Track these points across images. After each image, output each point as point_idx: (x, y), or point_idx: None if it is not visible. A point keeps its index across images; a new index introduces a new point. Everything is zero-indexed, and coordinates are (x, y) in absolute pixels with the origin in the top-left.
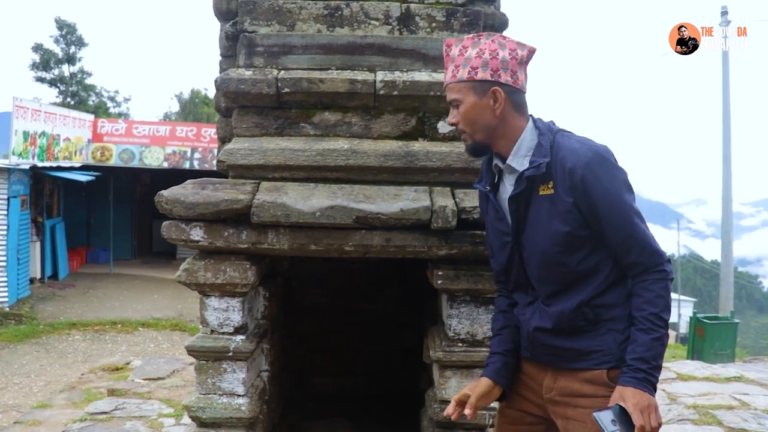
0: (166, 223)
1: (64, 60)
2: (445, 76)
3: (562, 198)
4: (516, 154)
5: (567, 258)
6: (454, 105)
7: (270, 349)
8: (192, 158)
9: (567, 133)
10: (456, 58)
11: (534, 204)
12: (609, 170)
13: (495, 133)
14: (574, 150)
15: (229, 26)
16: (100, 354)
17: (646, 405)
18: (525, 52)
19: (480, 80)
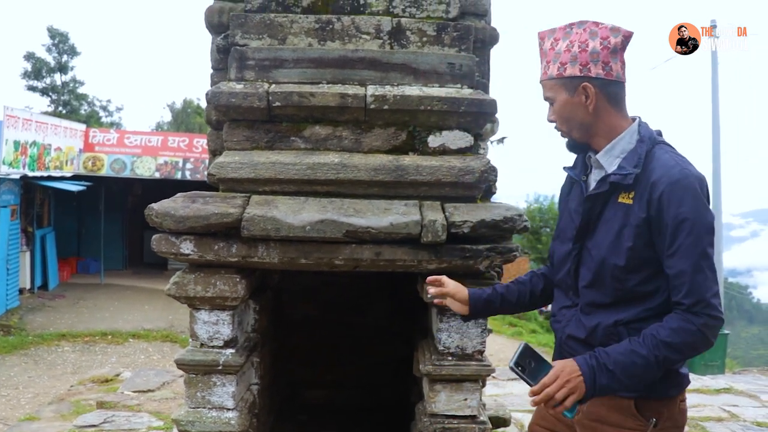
0: (156, 236)
1: (56, 69)
2: (541, 68)
3: (636, 211)
4: (608, 152)
5: (625, 275)
6: (549, 102)
7: (260, 362)
8: (184, 169)
9: (668, 147)
10: (548, 52)
11: (609, 209)
12: (694, 200)
13: (591, 130)
14: (666, 165)
15: (221, 39)
16: (90, 365)
17: (567, 374)
18: (619, 39)
19: (569, 76)
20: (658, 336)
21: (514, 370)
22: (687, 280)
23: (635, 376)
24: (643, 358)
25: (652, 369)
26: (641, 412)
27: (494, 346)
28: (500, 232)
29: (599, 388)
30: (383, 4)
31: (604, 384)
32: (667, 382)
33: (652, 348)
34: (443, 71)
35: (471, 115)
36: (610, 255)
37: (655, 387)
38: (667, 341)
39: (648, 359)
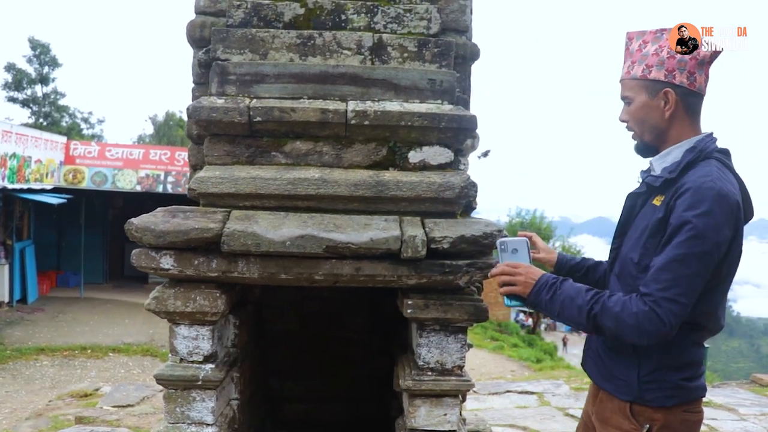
0: (136, 251)
1: (37, 80)
2: (624, 68)
3: (659, 211)
4: (662, 157)
5: (637, 272)
6: (626, 102)
7: (240, 377)
8: (165, 182)
9: (718, 163)
10: (634, 53)
11: (644, 209)
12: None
13: (663, 136)
14: (699, 174)
15: (202, 54)
16: (69, 380)
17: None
18: (708, 52)
19: (653, 80)
20: (604, 297)
21: (499, 246)
22: (654, 273)
23: (568, 311)
24: (582, 303)
25: (581, 317)
26: (635, 416)
27: (476, 361)
28: (480, 247)
29: (540, 300)
30: (365, 20)
31: (544, 299)
32: (660, 392)
33: (593, 302)
34: (424, 87)
35: (451, 131)
36: (630, 251)
37: (647, 395)
38: (608, 305)
39: (583, 308)
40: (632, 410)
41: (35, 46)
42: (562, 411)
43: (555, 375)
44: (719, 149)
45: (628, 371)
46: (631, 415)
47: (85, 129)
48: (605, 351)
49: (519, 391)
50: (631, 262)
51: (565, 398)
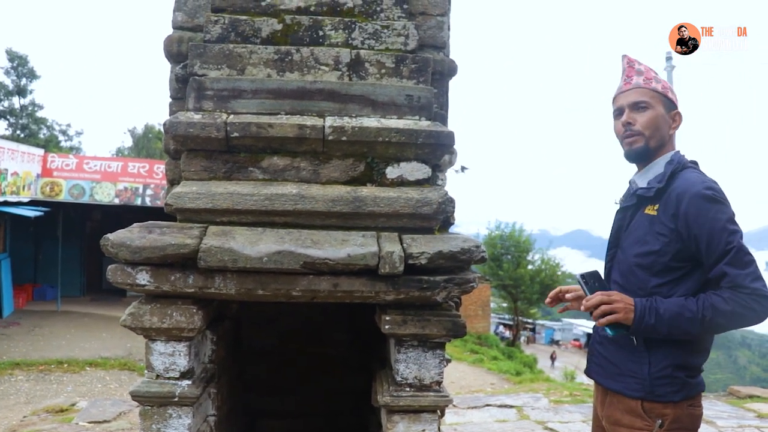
0: (112, 266)
1: (14, 92)
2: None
3: (662, 221)
4: (644, 173)
5: (648, 277)
6: (638, 107)
7: (217, 393)
8: (144, 195)
9: (693, 170)
10: (645, 71)
11: (637, 219)
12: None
13: (661, 148)
14: (688, 180)
15: (180, 69)
16: (45, 395)
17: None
18: None
19: (670, 99)
20: (709, 300)
21: (579, 280)
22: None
23: (679, 326)
24: (692, 312)
25: (696, 325)
26: (647, 413)
27: (455, 374)
28: (458, 263)
29: (645, 325)
30: (342, 36)
31: (650, 323)
32: (671, 387)
33: (702, 308)
34: (401, 103)
35: (429, 147)
36: (634, 260)
37: (658, 390)
38: (717, 306)
39: (696, 315)
40: (644, 407)
41: (13, 57)
42: (541, 425)
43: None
44: (691, 161)
45: (639, 367)
46: (643, 411)
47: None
48: (613, 351)
49: (498, 405)
50: (639, 270)
51: (545, 412)
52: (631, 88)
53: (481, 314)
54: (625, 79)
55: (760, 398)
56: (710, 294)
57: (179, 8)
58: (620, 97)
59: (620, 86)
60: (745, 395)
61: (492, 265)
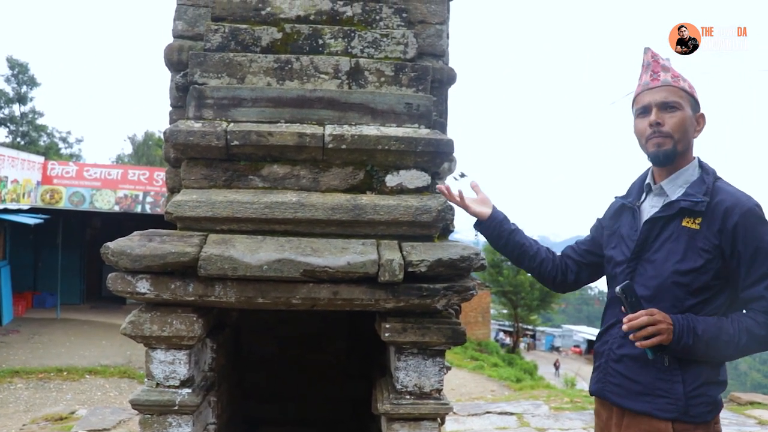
0: (112, 275)
1: (15, 99)
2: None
3: (706, 236)
4: (672, 181)
5: (685, 295)
6: (668, 107)
7: (217, 401)
8: (144, 202)
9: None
10: (671, 69)
11: (671, 231)
12: (763, 225)
13: (686, 151)
14: (736, 196)
15: (180, 77)
16: (44, 403)
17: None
18: None
19: (697, 100)
20: (744, 323)
21: (620, 294)
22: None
23: (716, 349)
24: (728, 336)
25: (731, 348)
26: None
27: (455, 381)
28: (457, 270)
29: (683, 345)
30: (342, 45)
31: (688, 344)
32: (705, 407)
33: (738, 331)
34: (401, 111)
35: (428, 155)
36: (671, 275)
37: (693, 410)
38: (752, 330)
39: (733, 338)
40: (674, 429)
41: (13, 65)
42: None
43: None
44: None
45: (672, 386)
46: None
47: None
48: (637, 369)
49: (498, 412)
50: (675, 287)
51: (545, 419)
52: (660, 85)
53: (481, 321)
54: (651, 74)
55: (761, 405)
56: (744, 317)
57: (180, 17)
58: (646, 95)
59: (645, 82)
60: (746, 402)
61: (492, 272)
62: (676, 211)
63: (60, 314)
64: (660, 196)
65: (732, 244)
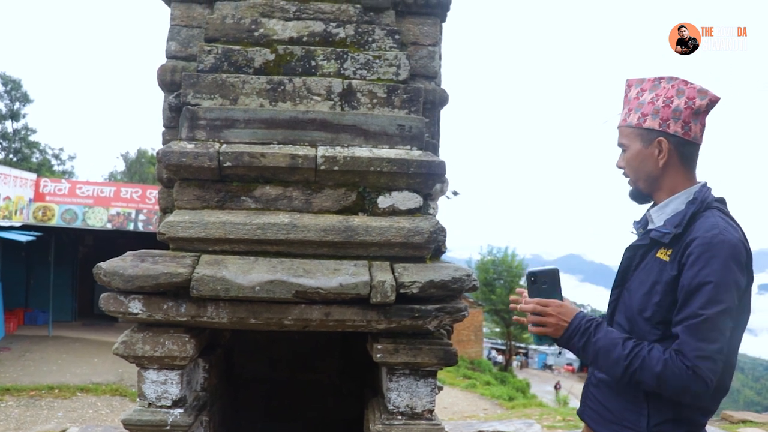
0: (105, 295)
1: (7, 116)
2: (621, 114)
3: (670, 269)
4: (661, 209)
5: (649, 328)
6: (622, 149)
7: (209, 421)
8: (136, 220)
9: (720, 213)
10: (631, 101)
11: (647, 262)
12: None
13: (656, 184)
14: (705, 228)
15: (173, 98)
16: (35, 421)
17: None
18: (705, 102)
19: (647, 128)
20: (646, 352)
21: (528, 278)
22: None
23: (603, 362)
24: (619, 355)
25: (619, 370)
26: None
27: (448, 399)
28: (449, 292)
29: (572, 344)
30: (334, 66)
31: (576, 344)
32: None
33: (633, 356)
34: (393, 133)
35: (420, 177)
36: (640, 306)
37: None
38: (648, 363)
39: (620, 362)
40: None
41: (6, 81)
42: None
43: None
44: (717, 198)
45: (638, 418)
46: None
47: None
48: (610, 396)
49: (491, 431)
50: (642, 319)
51: None
52: (617, 126)
53: (474, 339)
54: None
55: (753, 423)
56: (655, 347)
57: (173, 38)
58: None
59: None
60: (738, 420)
61: (485, 290)
62: (648, 241)
63: (52, 332)
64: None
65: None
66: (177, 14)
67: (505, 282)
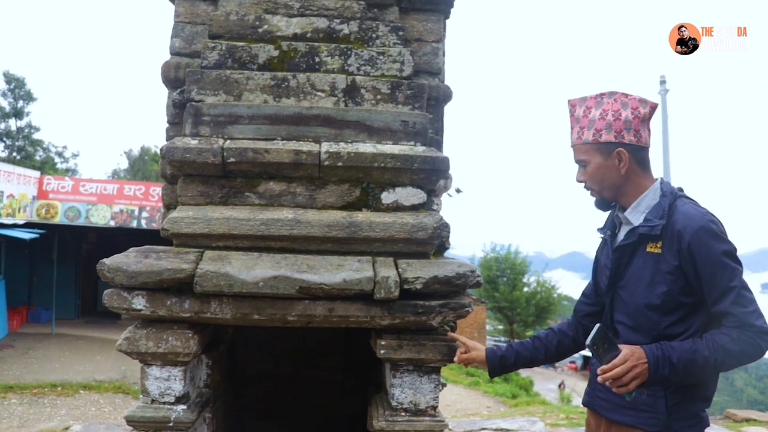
0: (108, 291)
1: (11, 114)
2: (571, 136)
3: (667, 259)
4: (635, 209)
5: (658, 317)
6: (580, 164)
7: (212, 417)
8: (140, 217)
9: (688, 199)
10: (581, 119)
11: (638, 258)
12: (715, 240)
13: (621, 190)
14: (688, 215)
15: (177, 94)
16: (38, 419)
17: (635, 359)
18: (647, 109)
19: (605, 142)
20: (719, 341)
21: (590, 348)
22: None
23: (692, 373)
24: (704, 359)
25: (708, 369)
26: None
27: (451, 397)
28: (453, 287)
29: (660, 377)
30: (338, 63)
31: (665, 375)
32: (687, 422)
33: (713, 351)
34: (397, 129)
35: (424, 172)
36: (644, 301)
37: (675, 424)
38: (727, 347)
39: (708, 360)
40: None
41: (10, 80)
42: None
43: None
44: (678, 188)
45: (655, 401)
46: None
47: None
48: None
49: (494, 429)
50: (648, 311)
51: None
52: (572, 145)
53: (477, 336)
54: (571, 130)
55: (757, 422)
56: (717, 334)
57: (177, 34)
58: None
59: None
60: (741, 419)
61: (488, 288)
62: (637, 237)
63: (55, 329)
64: (628, 225)
65: (692, 265)
66: (181, 11)
67: (508, 279)
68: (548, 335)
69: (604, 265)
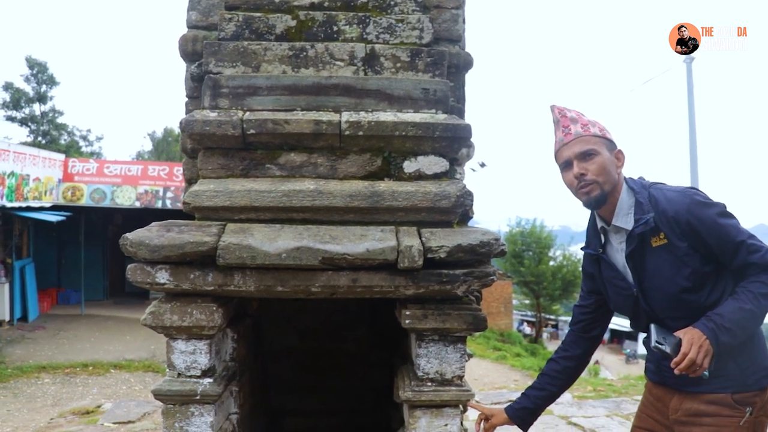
0: (131, 266)
1: (35, 99)
2: (570, 131)
3: (676, 245)
4: (619, 215)
5: (695, 296)
6: (585, 155)
7: (239, 391)
8: (164, 197)
9: (659, 185)
10: (578, 117)
11: (650, 255)
12: (706, 208)
13: (615, 188)
14: (671, 200)
15: (195, 67)
16: (71, 397)
17: (697, 339)
18: None
19: (610, 139)
20: (754, 291)
21: (658, 347)
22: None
23: (746, 328)
24: (749, 312)
25: (757, 319)
26: (737, 403)
27: (479, 371)
28: (477, 256)
29: (721, 344)
30: (357, 31)
31: (725, 341)
32: (759, 375)
33: (754, 301)
34: (417, 97)
35: (446, 140)
36: (675, 289)
37: (749, 380)
38: (762, 291)
39: (754, 311)
40: (733, 398)
41: (33, 64)
42: (564, 419)
43: None
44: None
45: (725, 366)
46: (733, 402)
47: (84, 146)
48: None
49: None
50: (686, 293)
51: (568, 407)
52: (573, 138)
53: (504, 311)
54: (563, 129)
55: None
56: (749, 284)
57: (193, 7)
58: (564, 150)
59: (560, 139)
60: None
61: (513, 262)
62: (638, 239)
63: (84, 310)
64: (619, 233)
65: (699, 239)
66: None
67: (534, 254)
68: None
69: (615, 277)
